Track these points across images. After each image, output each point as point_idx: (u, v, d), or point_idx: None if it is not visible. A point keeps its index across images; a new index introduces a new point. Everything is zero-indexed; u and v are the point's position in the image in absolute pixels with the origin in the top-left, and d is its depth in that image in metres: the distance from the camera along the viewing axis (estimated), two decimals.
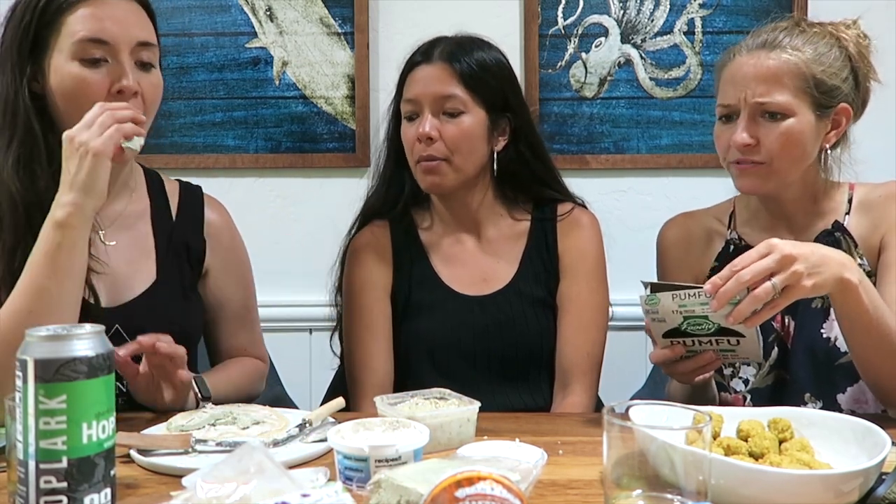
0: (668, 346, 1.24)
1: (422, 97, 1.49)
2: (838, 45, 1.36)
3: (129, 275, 1.38)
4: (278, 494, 0.76)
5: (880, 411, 1.37)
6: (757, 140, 1.33)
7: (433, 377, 1.48)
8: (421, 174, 1.51)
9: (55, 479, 0.76)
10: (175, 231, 1.46)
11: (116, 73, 1.28)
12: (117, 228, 1.40)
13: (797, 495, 0.83)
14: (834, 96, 1.34)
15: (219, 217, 1.54)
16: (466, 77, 1.48)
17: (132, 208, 1.43)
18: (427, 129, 1.47)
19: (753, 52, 1.34)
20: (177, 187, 1.52)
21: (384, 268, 1.58)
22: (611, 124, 2.27)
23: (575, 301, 1.54)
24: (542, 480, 0.97)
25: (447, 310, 1.54)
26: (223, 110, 2.27)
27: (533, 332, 1.53)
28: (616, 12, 2.25)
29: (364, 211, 1.63)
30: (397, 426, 0.99)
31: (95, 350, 0.78)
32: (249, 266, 1.59)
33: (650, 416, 0.88)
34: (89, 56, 1.27)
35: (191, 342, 1.47)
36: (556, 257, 1.57)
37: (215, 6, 2.26)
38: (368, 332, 1.54)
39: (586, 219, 1.60)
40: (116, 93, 1.28)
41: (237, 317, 1.54)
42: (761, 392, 1.42)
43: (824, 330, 1.38)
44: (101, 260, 1.33)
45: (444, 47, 1.51)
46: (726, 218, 1.52)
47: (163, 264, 1.42)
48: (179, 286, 1.44)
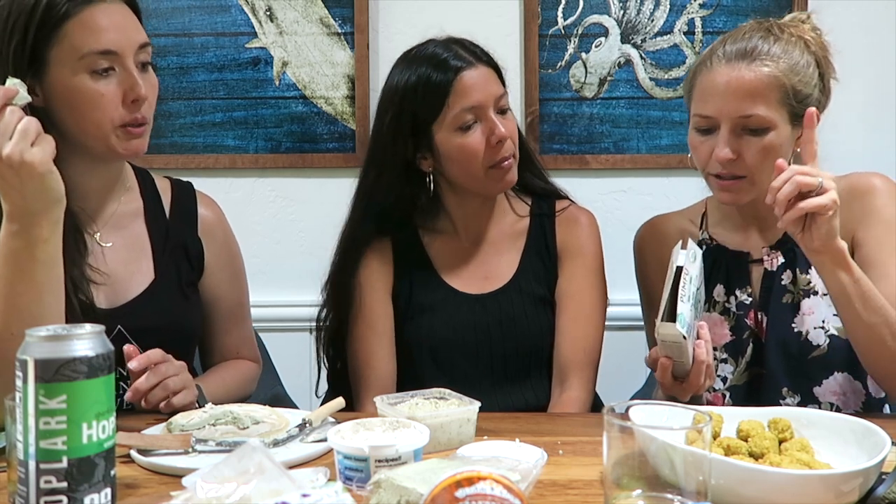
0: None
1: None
2: (807, 50, 1.35)
3: (128, 275, 1.38)
4: (278, 494, 0.76)
5: (861, 404, 1.39)
6: (738, 154, 1.33)
7: (436, 376, 1.48)
8: (495, 178, 1.49)
9: (55, 479, 0.76)
10: (170, 229, 1.46)
11: (127, 81, 1.28)
12: (112, 229, 1.40)
13: (797, 495, 0.83)
14: (808, 104, 1.34)
15: (212, 214, 1.53)
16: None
17: (126, 208, 1.42)
18: (502, 131, 1.45)
19: (732, 64, 1.32)
20: (168, 185, 1.51)
21: (385, 267, 1.57)
22: (611, 124, 2.27)
23: (573, 297, 1.54)
24: (542, 480, 0.97)
25: (449, 309, 1.54)
26: (223, 110, 2.27)
27: (534, 330, 1.53)
28: (616, 12, 2.25)
29: (357, 233, 1.57)
30: (397, 426, 0.99)
31: (95, 350, 0.78)
32: (242, 263, 1.58)
33: (650, 416, 0.88)
34: (98, 68, 1.26)
35: (191, 340, 1.47)
36: (555, 254, 1.57)
37: (215, 6, 2.25)
38: (371, 331, 1.54)
39: (584, 215, 1.60)
40: (131, 102, 1.28)
41: (230, 314, 1.54)
42: (739, 389, 1.44)
43: (795, 325, 1.40)
44: (99, 262, 1.33)
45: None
46: (698, 219, 1.54)
47: (160, 263, 1.42)
48: (178, 284, 1.43)
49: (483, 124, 1.46)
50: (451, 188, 1.55)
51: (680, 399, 1.25)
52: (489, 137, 1.45)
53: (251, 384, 1.56)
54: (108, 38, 1.26)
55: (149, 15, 2.22)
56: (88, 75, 1.26)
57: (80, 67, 1.25)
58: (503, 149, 1.46)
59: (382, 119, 1.51)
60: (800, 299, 1.41)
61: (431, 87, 1.45)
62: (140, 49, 1.30)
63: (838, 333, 1.38)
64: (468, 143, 1.45)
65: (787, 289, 1.42)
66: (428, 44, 1.51)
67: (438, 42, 1.51)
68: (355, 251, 1.56)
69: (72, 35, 1.25)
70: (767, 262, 1.44)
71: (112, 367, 0.80)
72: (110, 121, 1.27)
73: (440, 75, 1.45)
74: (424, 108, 1.46)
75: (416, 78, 1.46)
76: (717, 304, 1.47)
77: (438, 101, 1.45)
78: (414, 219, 1.59)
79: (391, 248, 1.58)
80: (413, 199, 1.55)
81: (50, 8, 1.24)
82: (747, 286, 1.45)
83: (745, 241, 1.48)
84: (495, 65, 1.51)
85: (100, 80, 1.26)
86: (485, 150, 1.45)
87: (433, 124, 1.47)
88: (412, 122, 1.47)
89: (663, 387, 1.26)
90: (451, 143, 1.46)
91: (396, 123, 1.48)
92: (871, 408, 1.40)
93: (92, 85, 1.26)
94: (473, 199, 1.56)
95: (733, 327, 1.45)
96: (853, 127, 2.22)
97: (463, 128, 1.45)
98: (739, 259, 1.47)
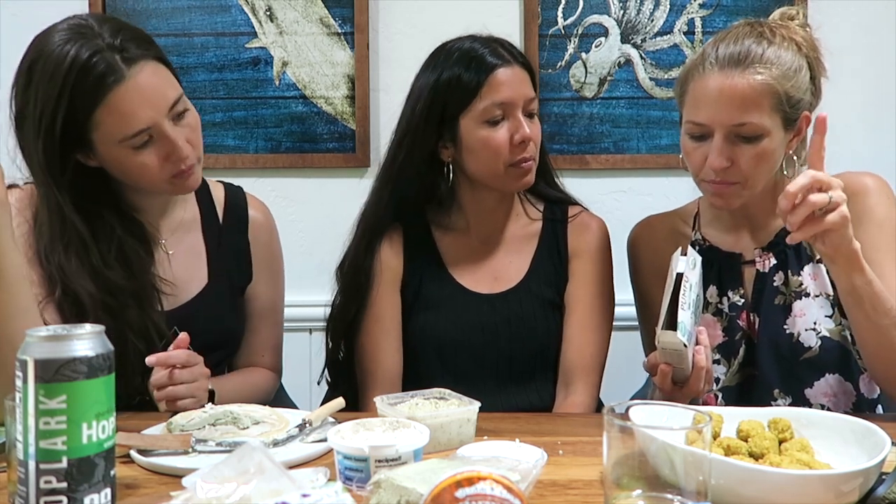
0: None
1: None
2: (799, 52, 1.34)
3: (185, 280, 1.45)
4: (278, 494, 0.76)
5: (851, 405, 1.40)
6: (732, 161, 1.32)
7: (441, 373, 1.49)
8: (513, 177, 1.49)
9: (55, 479, 0.76)
10: (223, 235, 1.52)
11: (167, 146, 1.30)
12: (177, 237, 1.47)
13: (797, 495, 0.83)
14: (800, 108, 1.34)
15: (261, 215, 1.59)
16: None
17: (186, 216, 1.49)
18: (526, 132, 1.46)
19: (725, 71, 1.31)
20: (222, 190, 1.57)
21: (396, 260, 1.57)
22: (611, 124, 2.27)
23: (581, 302, 1.55)
24: (542, 480, 0.97)
25: (457, 306, 1.54)
26: (223, 110, 2.27)
27: (541, 332, 1.53)
28: (616, 12, 2.25)
29: (381, 214, 1.57)
30: (397, 426, 0.99)
31: (95, 350, 0.79)
32: (282, 268, 1.62)
33: (650, 416, 0.88)
34: (139, 144, 1.29)
35: (237, 342, 1.53)
36: (566, 259, 1.58)
37: (215, 6, 2.25)
38: (378, 326, 1.54)
39: (595, 222, 1.61)
40: (175, 160, 1.31)
41: (262, 313, 1.57)
42: (732, 390, 1.44)
43: (787, 326, 1.40)
44: (164, 269, 1.41)
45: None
46: (691, 219, 1.54)
47: (213, 268, 1.48)
48: (228, 288, 1.50)
49: (510, 122, 1.47)
50: (468, 183, 1.55)
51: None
52: (513, 136, 1.46)
53: (267, 396, 1.56)
54: (139, 119, 1.27)
55: (149, 15, 2.23)
56: (130, 152, 1.29)
57: (121, 149, 1.29)
58: (525, 150, 1.47)
59: (414, 105, 1.52)
60: (792, 301, 1.41)
61: (466, 78, 1.46)
62: (173, 107, 1.31)
63: (830, 335, 1.38)
64: (493, 137, 1.46)
65: (780, 290, 1.42)
66: (467, 38, 1.52)
67: (478, 38, 1.52)
68: (376, 233, 1.56)
69: (104, 123, 1.27)
70: (759, 264, 1.44)
71: (112, 367, 0.80)
72: (159, 178, 1.33)
73: (476, 67, 1.46)
74: (456, 97, 1.47)
75: (452, 69, 1.47)
76: (709, 304, 1.47)
77: (471, 93, 1.46)
78: (427, 214, 1.60)
79: (402, 240, 1.58)
80: (433, 189, 1.56)
81: (75, 99, 1.25)
82: (739, 287, 1.45)
83: (737, 242, 1.48)
84: (531, 69, 1.53)
85: (141, 153, 1.30)
86: (508, 148, 1.46)
87: (462, 115, 1.47)
88: (442, 110, 1.48)
89: (662, 392, 1.27)
90: (475, 136, 1.47)
91: (428, 111, 1.49)
92: (862, 409, 1.40)
93: (136, 159, 1.30)
94: (489, 196, 1.56)
95: (726, 328, 1.45)
96: (853, 127, 2.22)
97: (490, 122, 1.46)
98: (732, 260, 1.47)
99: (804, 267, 1.42)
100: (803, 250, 1.43)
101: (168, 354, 1.26)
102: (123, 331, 1.30)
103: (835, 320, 1.39)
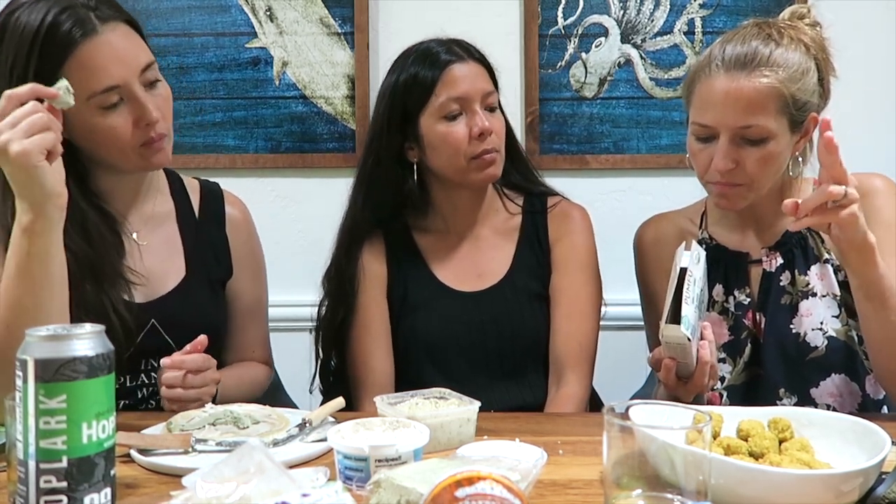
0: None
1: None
2: (807, 53, 1.34)
3: (162, 272, 1.43)
4: (278, 494, 0.76)
5: (857, 406, 1.39)
6: (737, 163, 1.32)
7: (432, 374, 1.49)
8: (477, 169, 1.50)
9: (55, 479, 0.76)
10: (199, 229, 1.51)
11: (137, 110, 1.29)
12: (148, 229, 1.45)
13: (797, 495, 0.83)
14: (807, 110, 1.34)
15: (238, 212, 1.59)
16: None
17: (159, 209, 1.48)
18: (485, 124, 1.48)
19: (732, 73, 1.30)
20: (197, 186, 1.57)
21: (379, 265, 1.58)
22: (611, 124, 2.27)
23: (566, 292, 1.55)
24: (542, 480, 0.96)
25: (442, 307, 1.54)
26: (223, 110, 2.27)
27: (529, 327, 1.53)
28: (616, 12, 2.25)
29: (358, 218, 1.58)
30: (397, 426, 0.99)
31: (95, 350, 0.79)
32: (264, 263, 1.63)
33: (650, 416, 0.88)
34: (107, 104, 1.27)
35: (219, 336, 1.51)
36: (548, 250, 1.58)
37: (215, 6, 2.25)
38: (366, 332, 1.55)
39: (576, 210, 1.61)
40: (145, 126, 1.30)
41: (249, 311, 1.57)
42: (737, 389, 1.44)
43: (793, 326, 1.40)
44: (136, 260, 1.39)
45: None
46: (698, 218, 1.54)
47: (191, 261, 1.47)
48: (207, 281, 1.49)
49: (468, 116, 1.49)
50: (439, 182, 1.56)
51: (683, 399, 1.25)
52: (472, 129, 1.47)
53: (262, 389, 1.57)
54: (108, 75, 1.26)
55: (149, 15, 2.22)
56: (98, 111, 1.27)
57: (89, 107, 1.26)
58: (486, 142, 1.48)
59: (378, 109, 1.55)
60: (798, 300, 1.41)
61: (422, 75, 1.49)
62: (144, 71, 1.30)
63: (836, 335, 1.38)
64: (451, 131, 1.48)
65: (786, 290, 1.42)
66: (427, 41, 1.55)
67: (437, 39, 1.54)
68: (356, 238, 1.58)
69: (73, 77, 1.21)
70: (766, 263, 1.44)
71: (112, 367, 0.80)
72: (129, 146, 1.31)
73: (431, 65, 1.49)
74: (414, 96, 1.50)
75: (409, 70, 1.51)
76: (715, 303, 1.47)
77: (427, 90, 1.49)
78: (405, 216, 1.60)
79: (384, 245, 1.59)
80: (406, 192, 1.56)
81: (46, 50, 1.23)
82: (746, 286, 1.45)
83: (744, 241, 1.48)
84: (487, 64, 1.54)
85: (110, 114, 1.28)
86: (467, 141, 1.47)
87: (421, 113, 1.50)
88: (403, 111, 1.51)
89: (667, 387, 1.26)
90: (435, 132, 1.49)
91: (390, 113, 1.52)
92: (867, 410, 1.39)
93: (103, 121, 1.28)
94: (461, 193, 1.57)
95: (732, 327, 1.45)
96: (853, 127, 2.22)
97: (448, 117, 1.48)
98: (738, 259, 1.47)
99: (811, 267, 1.42)
100: (810, 250, 1.43)
101: (183, 359, 1.26)
102: (77, 304, 1.24)
103: (841, 320, 1.38)
